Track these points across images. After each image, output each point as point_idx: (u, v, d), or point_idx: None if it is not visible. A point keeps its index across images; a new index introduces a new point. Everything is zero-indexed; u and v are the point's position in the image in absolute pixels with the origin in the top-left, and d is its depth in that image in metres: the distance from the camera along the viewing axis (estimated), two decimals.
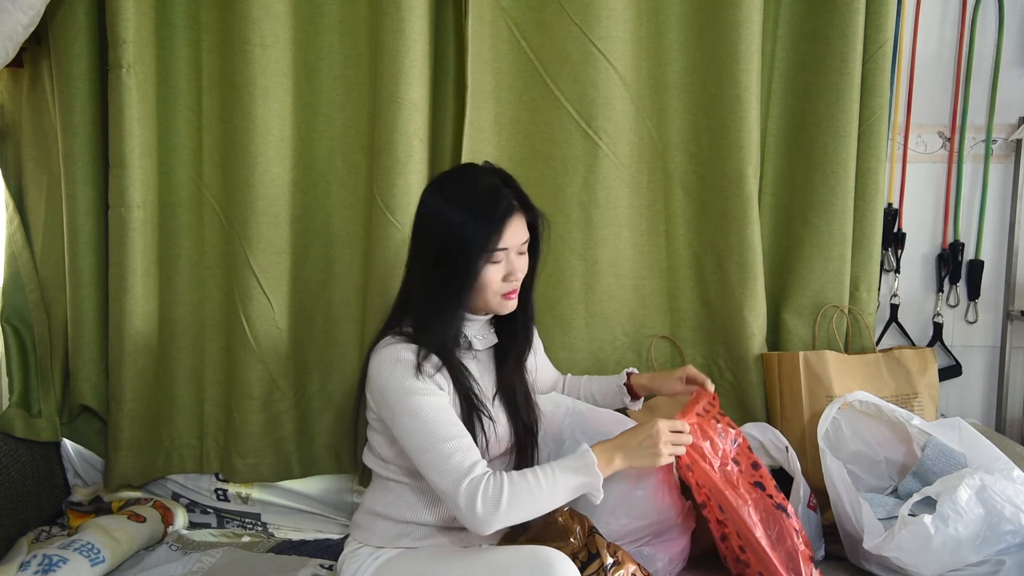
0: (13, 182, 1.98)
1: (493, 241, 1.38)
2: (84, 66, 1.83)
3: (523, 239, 1.44)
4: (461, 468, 1.32)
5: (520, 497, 1.31)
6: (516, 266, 1.43)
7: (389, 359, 1.40)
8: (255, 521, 2.02)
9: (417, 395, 1.36)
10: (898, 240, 2.11)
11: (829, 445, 1.72)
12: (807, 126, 1.94)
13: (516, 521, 1.33)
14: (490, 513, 1.30)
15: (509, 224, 1.40)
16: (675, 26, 1.92)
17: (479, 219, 1.38)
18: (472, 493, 1.30)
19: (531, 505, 1.32)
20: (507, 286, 1.43)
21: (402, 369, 1.38)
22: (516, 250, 1.43)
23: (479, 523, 1.31)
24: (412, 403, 1.36)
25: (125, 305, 1.85)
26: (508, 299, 1.45)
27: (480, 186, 1.42)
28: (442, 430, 1.35)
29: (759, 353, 1.94)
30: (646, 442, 1.36)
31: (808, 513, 1.67)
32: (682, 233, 1.99)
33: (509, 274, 1.43)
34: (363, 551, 1.46)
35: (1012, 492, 1.50)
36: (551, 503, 1.34)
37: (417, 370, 1.38)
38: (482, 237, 1.38)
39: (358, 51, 1.89)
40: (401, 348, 1.40)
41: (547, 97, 1.90)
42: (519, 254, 1.44)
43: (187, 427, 2.00)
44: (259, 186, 1.84)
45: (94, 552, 1.65)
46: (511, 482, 1.31)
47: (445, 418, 1.36)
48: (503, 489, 1.30)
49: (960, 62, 2.09)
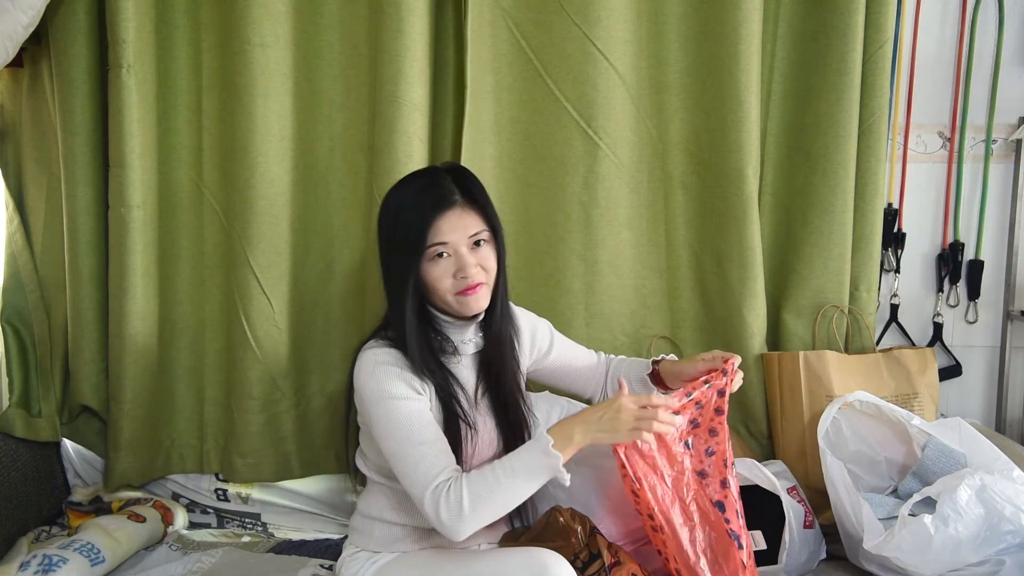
0: (13, 182, 1.98)
1: (426, 237, 1.34)
2: (84, 66, 1.83)
3: (470, 232, 1.37)
4: (428, 475, 1.31)
5: (481, 496, 1.28)
6: (468, 261, 1.36)
7: (368, 362, 1.39)
8: (255, 521, 2.02)
9: (391, 399, 1.35)
10: (898, 240, 2.11)
11: (829, 445, 1.72)
12: (807, 126, 1.94)
13: (488, 520, 1.31)
14: (455, 518, 1.28)
15: (443, 217, 1.35)
16: (675, 26, 1.92)
17: (410, 213, 1.35)
18: (436, 500, 1.29)
19: (496, 502, 1.29)
20: (460, 283, 1.37)
21: (379, 373, 1.37)
22: (464, 244, 1.37)
23: (447, 530, 1.29)
24: (386, 407, 1.35)
25: (125, 305, 1.84)
26: (467, 295, 1.38)
27: (421, 183, 1.39)
28: (412, 435, 1.33)
29: (759, 353, 1.95)
30: (607, 416, 1.29)
31: (805, 533, 1.66)
32: (682, 233, 1.99)
33: (458, 271, 1.36)
34: (361, 555, 1.46)
35: (1012, 492, 1.50)
36: (516, 495, 1.30)
37: (395, 374, 1.36)
38: (414, 232, 1.34)
39: (358, 51, 1.89)
40: (381, 352, 1.40)
41: (547, 97, 1.90)
42: (472, 247, 1.38)
43: (187, 427, 2.00)
44: (259, 186, 1.83)
45: (94, 552, 1.65)
46: (470, 483, 1.29)
47: (417, 423, 1.34)
48: (463, 492, 1.28)
49: (960, 62, 2.09)
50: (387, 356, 1.39)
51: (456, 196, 1.38)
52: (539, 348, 1.62)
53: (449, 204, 1.36)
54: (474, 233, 1.38)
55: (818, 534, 1.72)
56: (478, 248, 1.39)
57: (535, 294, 1.95)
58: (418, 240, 1.34)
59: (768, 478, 1.64)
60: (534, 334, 1.61)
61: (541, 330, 1.63)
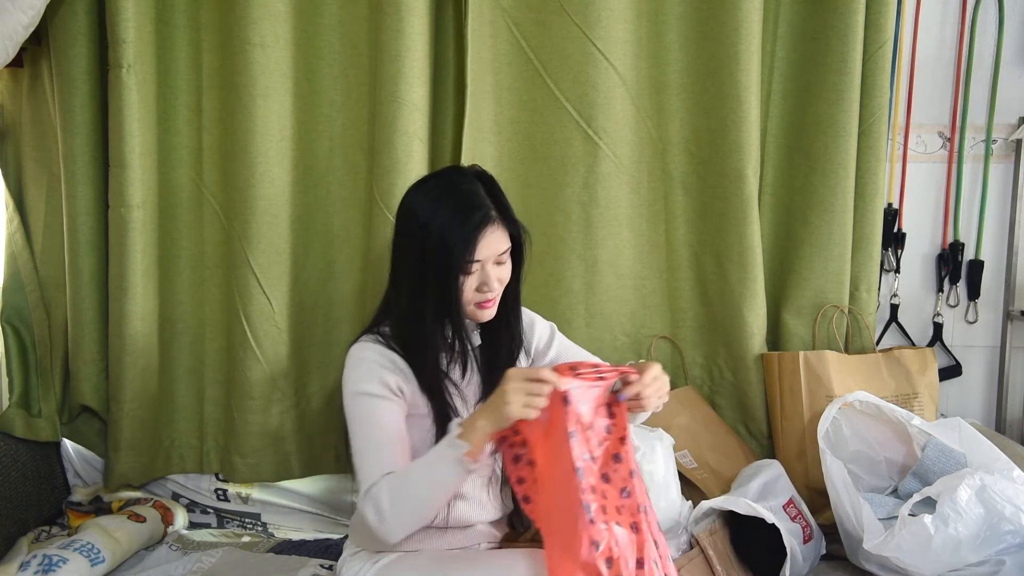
0: (13, 182, 1.98)
1: (467, 253, 1.35)
2: (84, 66, 1.83)
3: (500, 250, 1.40)
4: (368, 479, 1.32)
5: (401, 493, 1.29)
6: (491, 276, 1.39)
7: (352, 358, 1.42)
8: (255, 521, 2.02)
9: (362, 396, 1.38)
10: (898, 240, 2.11)
11: (829, 445, 1.72)
12: (807, 126, 1.94)
13: (412, 519, 1.31)
14: (381, 520, 1.29)
15: (483, 236, 1.36)
16: (675, 26, 1.92)
17: (454, 228, 1.35)
18: (365, 504, 1.30)
19: (416, 498, 1.29)
20: (480, 296, 1.40)
21: (359, 369, 1.40)
22: (492, 260, 1.39)
23: (378, 533, 1.30)
24: (355, 403, 1.38)
25: (125, 305, 1.84)
26: (482, 308, 1.42)
27: (458, 194, 1.39)
28: (371, 435, 1.36)
29: (759, 353, 1.95)
30: (498, 393, 1.25)
31: (806, 548, 1.66)
32: (682, 233, 1.99)
33: (483, 284, 1.39)
34: (361, 555, 1.46)
35: (1012, 492, 1.50)
36: (435, 491, 1.29)
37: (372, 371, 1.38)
38: (456, 248, 1.35)
39: (358, 51, 1.89)
40: (366, 348, 1.42)
41: (547, 97, 1.90)
42: (496, 264, 1.40)
43: (187, 427, 2.00)
44: (259, 186, 1.83)
45: (94, 552, 1.65)
46: (390, 482, 1.30)
47: (378, 424, 1.36)
48: (383, 492, 1.29)
49: (960, 62, 2.09)
50: (371, 352, 1.41)
51: (493, 211, 1.39)
52: (536, 347, 1.61)
53: (489, 221, 1.38)
54: (503, 251, 1.41)
55: (818, 538, 1.72)
56: (500, 265, 1.42)
57: (535, 294, 1.95)
58: (461, 256, 1.36)
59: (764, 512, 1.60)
60: (530, 330, 1.60)
61: (540, 329, 1.62)
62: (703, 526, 1.66)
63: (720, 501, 1.66)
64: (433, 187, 1.43)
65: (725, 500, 1.65)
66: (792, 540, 1.59)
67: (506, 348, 1.51)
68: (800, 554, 1.61)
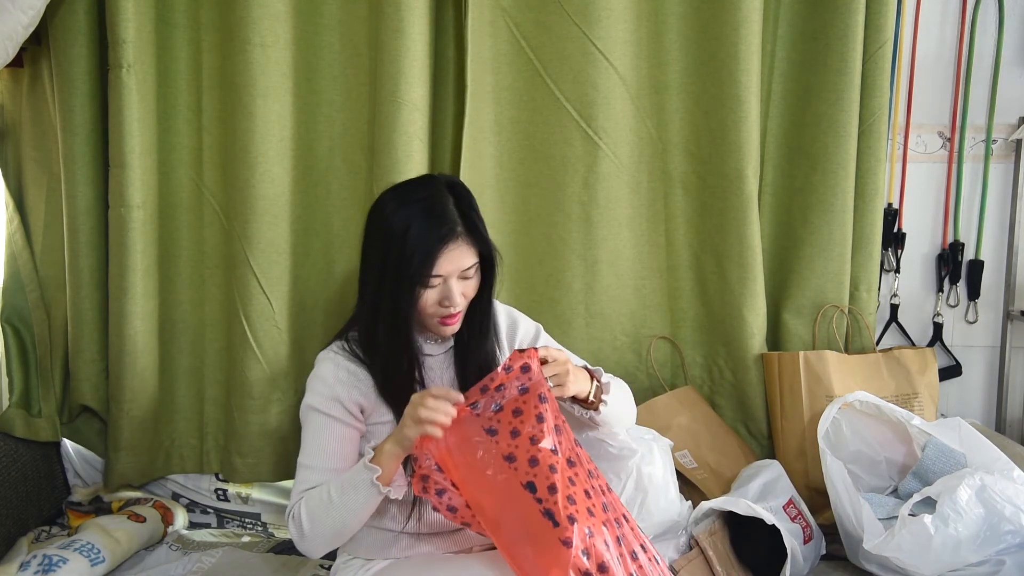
0: (13, 182, 1.98)
1: (426, 267, 1.34)
2: (84, 66, 1.83)
3: (464, 266, 1.37)
4: (293, 497, 1.36)
5: (317, 513, 1.32)
6: (454, 291, 1.36)
7: (314, 371, 1.45)
8: (255, 521, 2.02)
9: (313, 411, 1.41)
10: (898, 240, 2.11)
11: (829, 445, 1.72)
12: (807, 126, 1.94)
13: (332, 537, 1.34)
14: (300, 537, 1.34)
15: (445, 251, 1.34)
16: (675, 26, 1.92)
17: (417, 240, 1.33)
18: (288, 522, 1.35)
19: (333, 518, 1.31)
20: (443, 311, 1.38)
21: (315, 381, 1.43)
22: (456, 275, 1.37)
23: (301, 549, 1.36)
24: (306, 416, 1.43)
25: (125, 305, 1.84)
26: (445, 324, 1.40)
27: (427, 204, 1.37)
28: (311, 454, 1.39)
29: (759, 353, 1.95)
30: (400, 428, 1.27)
31: (806, 549, 1.66)
32: (682, 233, 1.99)
33: (444, 299, 1.37)
34: (354, 563, 1.46)
35: (1012, 492, 1.50)
36: (352, 511, 1.30)
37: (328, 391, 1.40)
38: (416, 260, 1.33)
39: (358, 51, 1.89)
40: (327, 360, 1.44)
41: (547, 97, 1.90)
42: (461, 279, 1.38)
43: (187, 427, 2.00)
44: (259, 186, 1.83)
45: (94, 552, 1.65)
46: (307, 501, 1.33)
47: (320, 445, 1.39)
48: (302, 511, 1.33)
49: (960, 62, 2.09)
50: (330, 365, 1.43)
51: (459, 227, 1.36)
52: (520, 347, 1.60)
53: (452, 237, 1.35)
54: (467, 267, 1.38)
55: (818, 538, 1.72)
56: (466, 280, 1.40)
57: (535, 294, 1.96)
58: (420, 271, 1.34)
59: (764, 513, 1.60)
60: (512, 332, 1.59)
61: (523, 329, 1.60)
62: (703, 527, 1.66)
63: (720, 502, 1.66)
64: (404, 193, 1.41)
65: (725, 501, 1.65)
66: (792, 540, 1.59)
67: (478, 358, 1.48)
68: (800, 554, 1.61)
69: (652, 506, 1.59)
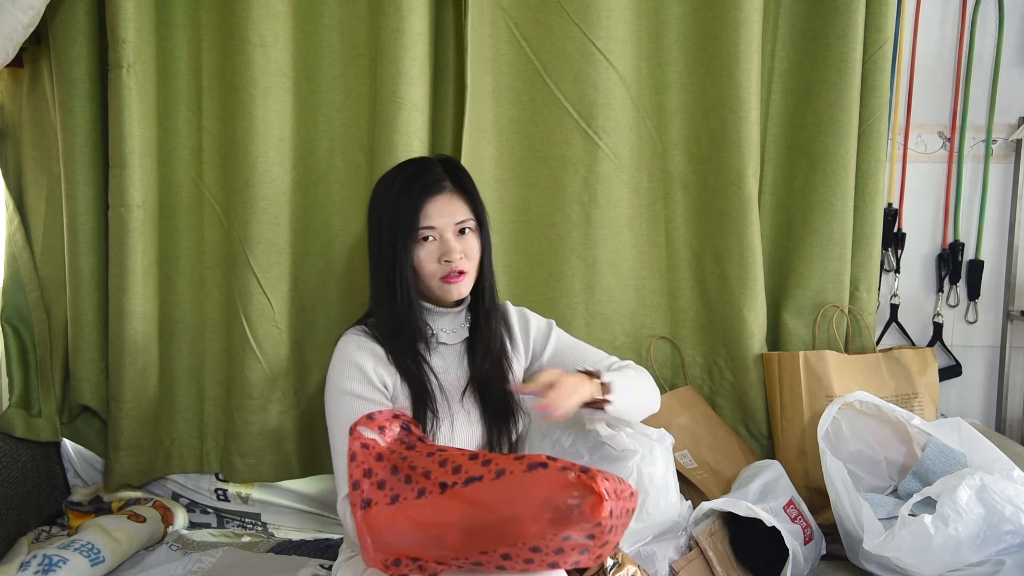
0: (13, 182, 1.98)
1: (414, 218, 1.36)
2: (84, 66, 1.83)
3: (457, 218, 1.40)
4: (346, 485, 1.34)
5: None
6: (453, 246, 1.39)
7: (339, 351, 1.44)
8: (255, 521, 2.02)
9: (345, 395, 1.39)
10: (898, 240, 2.11)
11: (829, 445, 1.72)
12: (807, 126, 1.94)
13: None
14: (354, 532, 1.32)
15: (432, 201, 1.38)
16: (675, 26, 1.92)
17: (401, 197, 1.38)
18: (345, 510, 1.34)
19: None
20: (445, 267, 1.40)
21: (344, 363, 1.41)
22: (450, 230, 1.40)
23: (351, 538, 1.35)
24: (339, 402, 1.40)
25: (125, 305, 1.84)
26: (450, 282, 1.40)
27: (412, 168, 1.43)
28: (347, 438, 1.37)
29: (759, 353, 1.95)
30: None
31: (807, 549, 1.66)
32: (682, 233, 1.99)
33: (443, 254, 1.39)
34: (356, 560, 1.46)
35: (1012, 492, 1.50)
36: None
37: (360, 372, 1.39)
38: (403, 214, 1.37)
39: (358, 51, 1.89)
40: (355, 342, 1.43)
41: (547, 97, 1.90)
42: (457, 234, 1.41)
43: (187, 427, 2.00)
44: (259, 186, 1.83)
45: (94, 552, 1.65)
46: None
47: None
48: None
49: (960, 62, 2.09)
50: (359, 348, 1.42)
51: (446, 182, 1.41)
52: (532, 347, 1.61)
53: (439, 189, 1.40)
54: (461, 220, 1.41)
55: (818, 539, 1.72)
56: (463, 236, 1.42)
57: (535, 294, 1.95)
58: (408, 223, 1.37)
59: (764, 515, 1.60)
60: (526, 330, 1.60)
61: (535, 327, 1.62)
62: (703, 527, 1.66)
63: (720, 503, 1.66)
64: (393, 170, 1.47)
65: (725, 502, 1.65)
66: (793, 541, 1.59)
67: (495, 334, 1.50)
68: (801, 555, 1.61)
69: (652, 506, 1.59)
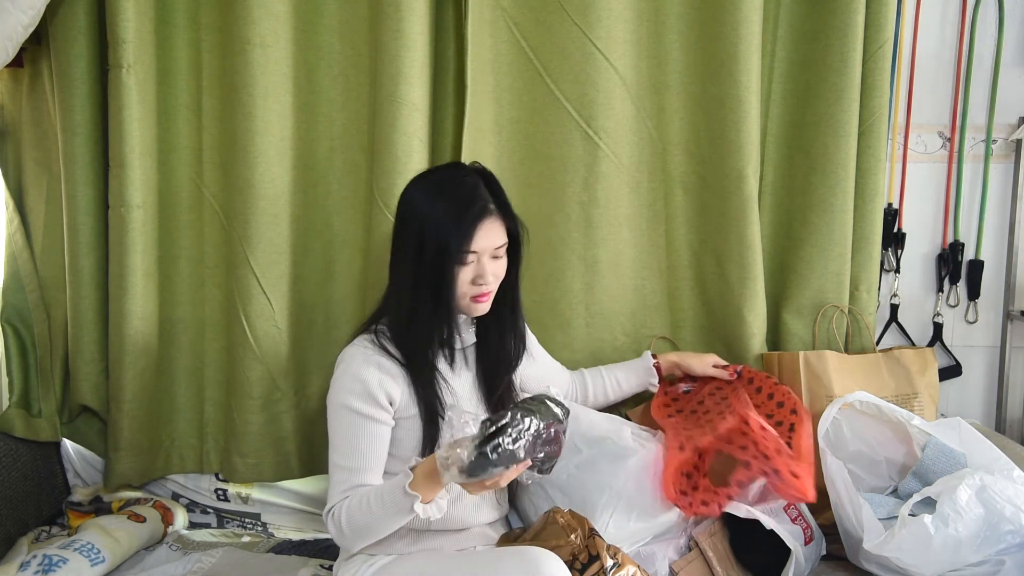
0: (13, 182, 1.98)
1: (463, 244, 1.38)
2: (84, 66, 1.83)
3: (497, 243, 1.43)
4: (333, 498, 1.39)
5: (357, 521, 1.35)
6: (487, 269, 1.42)
7: (344, 363, 1.44)
8: (255, 521, 2.02)
9: (346, 410, 1.41)
10: (898, 240, 2.11)
11: (829, 445, 1.72)
12: (807, 126, 1.94)
13: (371, 539, 1.37)
14: (340, 535, 1.39)
15: (480, 227, 1.39)
16: (675, 26, 1.92)
17: (451, 220, 1.38)
18: (327, 521, 1.39)
19: (370, 527, 1.35)
20: (476, 289, 1.43)
21: (347, 377, 1.42)
22: (489, 253, 1.42)
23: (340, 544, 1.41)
24: (339, 416, 1.42)
25: (125, 305, 1.84)
26: (477, 302, 1.44)
27: (457, 186, 1.43)
28: (348, 455, 1.40)
29: (759, 353, 1.94)
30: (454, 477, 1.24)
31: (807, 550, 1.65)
32: (682, 233, 1.99)
33: (478, 276, 1.42)
34: (357, 558, 1.46)
35: (1012, 492, 1.50)
36: (388, 525, 1.34)
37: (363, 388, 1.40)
38: (453, 238, 1.38)
39: (358, 51, 1.89)
40: (358, 353, 1.43)
41: (547, 97, 1.90)
42: (493, 258, 1.43)
43: (187, 427, 2.00)
44: (259, 186, 1.83)
45: (94, 552, 1.65)
46: (349, 510, 1.36)
47: (357, 446, 1.40)
48: (342, 515, 1.36)
49: (960, 62, 2.09)
50: (365, 362, 1.42)
51: (491, 204, 1.43)
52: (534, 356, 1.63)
53: (487, 213, 1.41)
54: (499, 245, 1.44)
55: (818, 539, 1.71)
56: (497, 259, 1.45)
57: (535, 294, 1.95)
58: (459, 246, 1.38)
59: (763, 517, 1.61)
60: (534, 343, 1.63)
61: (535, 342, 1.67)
62: (703, 527, 1.66)
63: None
64: (434, 180, 1.46)
65: None
66: (794, 542, 1.59)
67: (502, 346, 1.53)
68: (802, 556, 1.61)
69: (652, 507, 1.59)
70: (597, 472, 1.60)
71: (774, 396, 1.77)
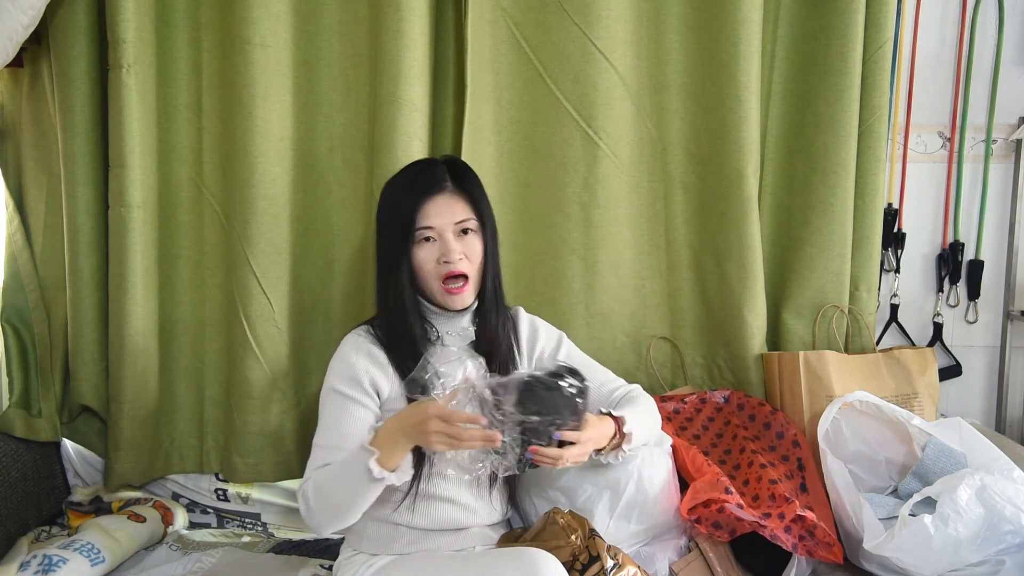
0: (13, 182, 1.98)
1: (414, 218, 1.37)
2: (84, 66, 1.83)
3: (456, 218, 1.41)
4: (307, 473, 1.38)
5: (323, 490, 1.33)
6: (452, 247, 1.39)
7: (339, 350, 1.47)
8: (255, 521, 2.02)
9: (334, 393, 1.42)
10: (898, 240, 2.11)
11: (829, 445, 1.72)
12: (807, 126, 1.94)
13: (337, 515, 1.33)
14: (307, 510, 1.35)
15: (431, 201, 1.39)
16: (675, 26, 1.92)
17: (403, 196, 1.40)
18: (299, 495, 1.37)
19: (335, 495, 1.32)
20: (443, 268, 1.40)
21: (337, 362, 1.44)
22: (450, 230, 1.40)
23: (307, 523, 1.36)
24: (327, 398, 1.43)
25: (125, 305, 1.84)
26: (452, 292, 1.40)
27: (416, 171, 1.44)
28: (328, 434, 1.40)
29: (759, 353, 1.95)
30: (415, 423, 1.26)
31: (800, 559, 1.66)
32: (682, 233, 1.99)
33: (442, 255, 1.39)
34: (358, 558, 1.46)
35: (1012, 492, 1.50)
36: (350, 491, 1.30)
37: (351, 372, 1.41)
38: (403, 213, 1.38)
39: (358, 51, 1.89)
40: (351, 341, 1.45)
41: (547, 97, 1.90)
42: (458, 235, 1.41)
43: (187, 427, 2.00)
44: (259, 186, 1.83)
45: (94, 552, 1.65)
46: (315, 479, 1.35)
47: (338, 427, 1.39)
48: (310, 486, 1.34)
49: (960, 62, 2.09)
50: (355, 349, 1.43)
51: (446, 182, 1.42)
52: (540, 355, 1.60)
53: (439, 189, 1.41)
54: (460, 220, 1.41)
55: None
56: (464, 236, 1.42)
57: (535, 294, 1.95)
58: (407, 224, 1.38)
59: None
60: (533, 340, 1.60)
61: (544, 337, 1.61)
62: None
63: None
64: (399, 172, 1.49)
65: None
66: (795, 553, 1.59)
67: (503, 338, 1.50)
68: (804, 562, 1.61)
69: (653, 508, 1.59)
70: (598, 473, 1.60)
71: (771, 426, 1.77)
